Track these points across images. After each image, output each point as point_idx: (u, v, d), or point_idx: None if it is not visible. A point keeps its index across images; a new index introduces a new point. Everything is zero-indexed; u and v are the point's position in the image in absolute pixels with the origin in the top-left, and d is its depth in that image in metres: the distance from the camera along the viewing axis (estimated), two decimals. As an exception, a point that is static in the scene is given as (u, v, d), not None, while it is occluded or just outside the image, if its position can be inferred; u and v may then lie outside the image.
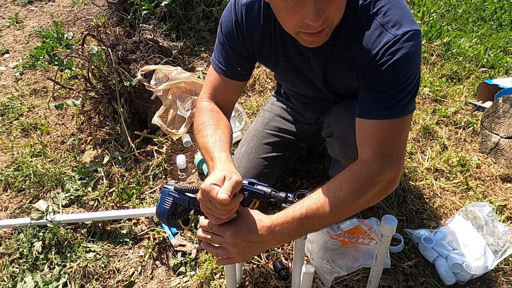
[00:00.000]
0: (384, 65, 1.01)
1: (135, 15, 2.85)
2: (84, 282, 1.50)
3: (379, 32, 1.02)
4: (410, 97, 1.04)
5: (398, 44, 0.99)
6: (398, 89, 1.02)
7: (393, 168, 1.04)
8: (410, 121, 1.09)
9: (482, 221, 1.57)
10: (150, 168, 1.94)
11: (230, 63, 1.25)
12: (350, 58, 1.10)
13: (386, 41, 1.00)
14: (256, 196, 1.09)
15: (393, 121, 1.03)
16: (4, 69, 2.95)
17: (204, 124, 1.21)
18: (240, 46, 1.23)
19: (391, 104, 1.03)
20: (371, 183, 1.02)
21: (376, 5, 1.03)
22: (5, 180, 1.94)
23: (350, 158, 1.40)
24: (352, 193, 1.01)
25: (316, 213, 1.00)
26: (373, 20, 1.02)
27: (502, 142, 1.91)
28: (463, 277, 1.42)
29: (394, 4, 1.03)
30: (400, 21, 1.01)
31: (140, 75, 2.03)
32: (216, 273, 1.48)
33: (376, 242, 1.47)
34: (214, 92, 1.29)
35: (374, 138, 1.05)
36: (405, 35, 1.00)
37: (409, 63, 1.02)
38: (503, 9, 3.44)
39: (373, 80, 1.05)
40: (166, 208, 1.08)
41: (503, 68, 2.62)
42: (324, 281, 1.42)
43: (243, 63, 1.27)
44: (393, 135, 1.05)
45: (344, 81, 1.22)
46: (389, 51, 1.00)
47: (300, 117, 1.63)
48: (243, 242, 0.99)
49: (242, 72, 1.28)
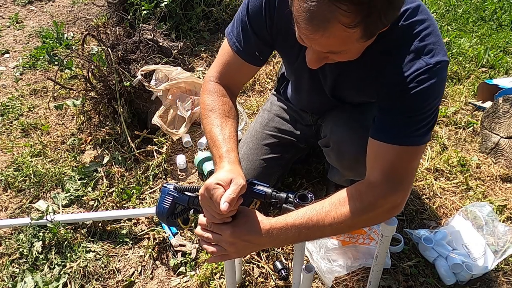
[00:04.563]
0: (411, 91, 0.99)
1: (135, 15, 2.85)
2: (84, 282, 1.50)
3: (412, 57, 0.99)
4: (429, 127, 1.02)
5: (429, 73, 0.97)
6: (420, 118, 1.00)
7: (399, 193, 1.02)
8: (423, 151, 1.07)
9: (482, 221, 1.57)
10: (150, 168, 1.94)
11: (248, 45, 1.18)
12: (375, 75, 1.07)
13: (418, 67, 0.98)
14: (257, 197, 1.09)
15: (408, 148, 1.01)
16: (4, 69, 2.95)
17: (213, 111, 1.16)
18: (265, 30, 1.15)
19: (410, 131, 1.00)
20: (374, 206, 1.00)
21: (415, 27, 1.00)
22: (5, 180, 1.94)
23: (346, 168, 1.40)
24: (354, 212, 0.99)
25: (315, 225, 0.99)
26: (409, 43, 1.00)
27: (502, 142, 1.91)
28: (463, 277, 1.42)
29: (432, 30, 1.00)
30: (434, 49, 0.99)
31: (140, 75, 2.03)
32: (216, 273, 1.48)
33: (376, 242, 1.47)
34: (225, 71, 1.22)
35: (385, 162, 1.02)
36: (436, 65, 0.98)
37: (435, 93, 1.00)
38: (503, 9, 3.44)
39: (396, 103, 1.02)
40: (166, 207, 1.08)
41: (503, 68, 2.62)
42: (325, 280, 1.42)
43: (262, 48, 1.20)
44: (405, 161, 1.02)
45: (356, 93, 1.20)
46: (419, 78, 0.98)
47: (299, 118, 1.62)
48: (241, 242, 0.99)
49: (260, 57, 1.21)
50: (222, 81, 1.23)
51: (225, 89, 1.22)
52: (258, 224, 1.00)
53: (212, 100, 1.18)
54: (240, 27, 1.17)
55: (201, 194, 0.96)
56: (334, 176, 1.61)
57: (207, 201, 0.95)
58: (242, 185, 0.95)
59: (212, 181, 0.94)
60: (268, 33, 1.17)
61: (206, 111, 1.18)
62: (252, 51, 1.19)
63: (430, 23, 1.01)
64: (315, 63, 0.96)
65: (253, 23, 1.15)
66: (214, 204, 0.94)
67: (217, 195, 0.92)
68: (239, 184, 0.94)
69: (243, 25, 1.17)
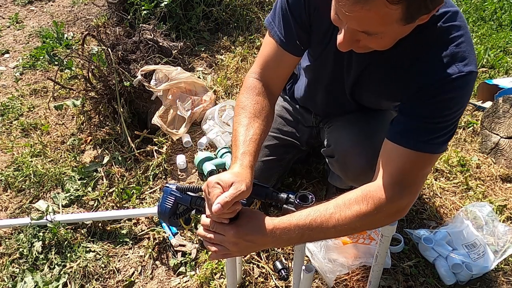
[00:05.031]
0: (437, 96, 0.97)
1: (135, 15, 2.85)
2: (84, 282, 1.50)
3: (447, 61, 0.96)
4: (447, 136, 1.00)
5: (461, 81, 0.95)
6: (441, 125, 0.98)
7: (407, 198, 1.00)
8: (437, 160, 1.06)
9: (482, 221, 1.57)
10: (150, 168, 1.94)
11: (290, 33, 1.16)
12: (403, 74, 1.05)
13: (450, 73, 0.95)
14: (257, 197, 1.09)
15: (424, 155, 0.98)
16: (4, 69, 2.95)
17: (244, 109, 1.15)
18: (304, 14, 1.13)
19: (429, 138, 0.98)
20: (380, 209, 0.98)
21: (453, 32, 0.97)
22: (5, 180, 1.94)
23: (350, 179, 1.38)
24: (359, 215, 0.98)
25: (319, 226, 0.98)
26: (445, 46, 0.97)
27: (502, 142, 1.91)
28: (463, 277, 1.42)
29: (468, 38, 0.98)
30: (468, 57, 0.96)
31: (140, 75, 2.03)
32: (216, 273, 1.48)
33: (376, 242, 1.47)
34: (266, 65, 1.21)
35: (398, 166, 1.00)
36: (468, 75, 0.95)
37: (462, 102, 0.98)
38: (503, 9, 3.44)
39: (420, 107, 1.00)
40: (168, 207, 1.08)
41: (503, 68, 2.62)
42: (326, 280, 1.42)
43: (302, 36, 1.17)
44: (418, 168, 1.00)
45: (377, 95, 1.17)
46: (448, 84, 0.96)
47: (302, 119, 1.61)
48: (244, 242, 0.99)
49: (301, 47, 1.19)
50: (262, 77, 1.21)
51: (264, 87, 1.20)
52: (261, 224, 0.99)
53: (246, 98, 1.17)
54: (280, 15, 1.15)
55: (204, 189, 0.97)
56: (335, 181, 1.61)
57: (206, 196, 0.96)
58: (241, 191, 0.93)
59: (213, 179, 0.94)
60: (307, 19, 1.14)
61: (238, 108, 1.16)
62: (293, 40, 1.16)
63: (466, 30, 0.99)
64: (346, 44, 0.91)
65: (292, 8, 1.13)
66: (209, 202, 0.94)
67: (213, 194, 0.92)
68: (239, 190, 0.93)
69: (283, 13, 1.15)
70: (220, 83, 2.48)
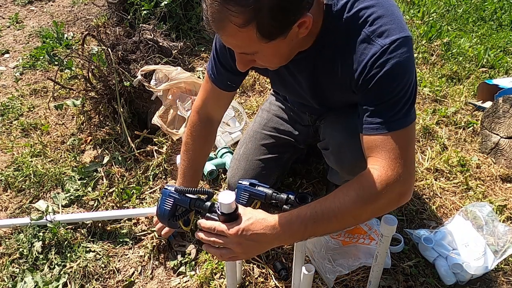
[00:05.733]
0: (374, 78, 0.98)
1: (135, 15, 2.85)
2: (84, 282, 1.50)
3: (366, 44, 0.98)
4: (407, 107, 1.00)
5: (386, 54, 0.96)
6: (393, 101, 0.99)
7: (403, 180, 1.00)
8: (414, 131, 1.06)
9: (482, 221, 1.57)
10: (150, 168, 1.94)
11: (220, 76, 1.33)
12: (342, 71, 1.08)
13: (373, 52, 0.96)
14: (257, 197, 1.09)
15: (396, 133, 1.00)
16: (4, 69, 2.95)
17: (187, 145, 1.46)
18: (231, 63, 1.25)
19: (390, 116, 0.99)
20: (377, 192, 0.98)
21: (362, 14, 0.99)
22: (5, 180, 1.94)
23: (346, 172, 1.40)
24: (357, 201, 0.98)
25: (321, 218, 0.98)
26: (360, 31, 0.99)
27: (502, 142, 1.91)
28: (463, 277, 1.42)
29: (383, 10, 0.98)
30: (387, 29, 0.96)
31: (140, 75, 2.03)
32: (216, 273, 1.48)
33: (376, 242, 1.47)
34: (206, 100, 1.41)
35: (380, 151, 1.01)
36: (393, 44, 0.95)
37: (401, 72, 0.98)
38: (503, 9, 3.44)
39: (366, 94, 1.02)
40: (167, 209, 1.08)
41: (503, 68, 2.62)
42: (326, 281, 1.42)
43: (232, 78, 1.33)
44: (400, 147, 1.00)
45: (340, 94, 1.20)
46: (377, 63, 0.96)
47: (298, 118, 1.62)
48: (247, 241, 0.99)
49: (232, 85, 1.36)
50: (203, 110, 1.42)
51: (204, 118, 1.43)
52: (262, 221, 0.99)
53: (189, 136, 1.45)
54: (212, 62, 1.33)
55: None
56: (333, 177, 1.61)
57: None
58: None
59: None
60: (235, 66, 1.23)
61: (184, 142, 1.47)
62: (224, 81, 1.34)
63: (377, 6, 0.99)
64: (241, 65, 1.03)
65: (220, 59, 1.29)
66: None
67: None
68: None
69: (214, 60, 1.32)
70: (220, 83, 2.48)
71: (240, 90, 2.47)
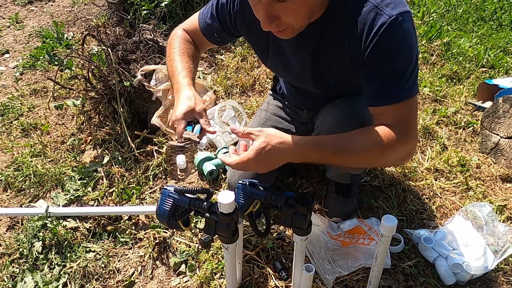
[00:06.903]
0: (383, 48, 1.00)
1: (135, 15, 2.85)
2: (84, 282, 1.50)
3: (374, 14, 0.99)
4: (413, 78, 1.05)
5: (396, 25, 0.98)
6: (401, 71, 1.03)
7: (409, 142, 1.08)
8: (417, 103, 1.14)
9: (482, 221, 1.57)
10: (150, 168, 1.94)
11: (210, 27, 1.33)
12: (347, 45, 1.09)
13: (382, 22, 0.98)
14: (257, 198, 1.09)
15: (405, 102, 1.05)
16: (4, 69, 2.95)
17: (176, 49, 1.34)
18: (228, 19, 1.28)
19: (400, 86, 1.04)
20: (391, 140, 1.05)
21: None
22: (5, 180, 1.94)
23: None
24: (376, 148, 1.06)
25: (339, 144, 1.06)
26: (365, 2, 1.01)
27: (502, 142, 1.91)
28: (463, 277, 1.42)
29: None
30: (393, 1, 1.00)
31: (140, 75, 2.03)
32: (216, 273, 1.48)
33: (376, 242, 1.47)
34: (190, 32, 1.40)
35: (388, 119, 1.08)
36: (400, 16, 0.98)
37: (409, 43, 1.01)
38: (503, 9, 3.44)
39: (374, 64, 1.04)
40: (167, 209, 1.08)
41: (503, 68, 2.62)
42: (325, 281, 1.42)
43: (221, 34, 1.34)
44: (405, 116, 1.07)
45: (339, 71, 1.21)
46: (388, 33, 0.99)
47: (296, 116, 1.63)
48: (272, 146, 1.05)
49: (217, 39, 1.37)
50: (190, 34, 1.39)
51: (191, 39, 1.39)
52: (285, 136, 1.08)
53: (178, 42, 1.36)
54: (209, 8, 1.32)
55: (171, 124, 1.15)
56: (332, 173, 1.61)
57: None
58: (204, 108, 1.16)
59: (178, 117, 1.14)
60: (230, 24, 1.29)
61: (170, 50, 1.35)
62: (212, 33, 1.35)
63: None
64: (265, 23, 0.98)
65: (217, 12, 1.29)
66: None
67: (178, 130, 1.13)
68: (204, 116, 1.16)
69: (211, 10, 1.31)
70: (220, 83, 2.49)
71: (240, 90, 2.47)
